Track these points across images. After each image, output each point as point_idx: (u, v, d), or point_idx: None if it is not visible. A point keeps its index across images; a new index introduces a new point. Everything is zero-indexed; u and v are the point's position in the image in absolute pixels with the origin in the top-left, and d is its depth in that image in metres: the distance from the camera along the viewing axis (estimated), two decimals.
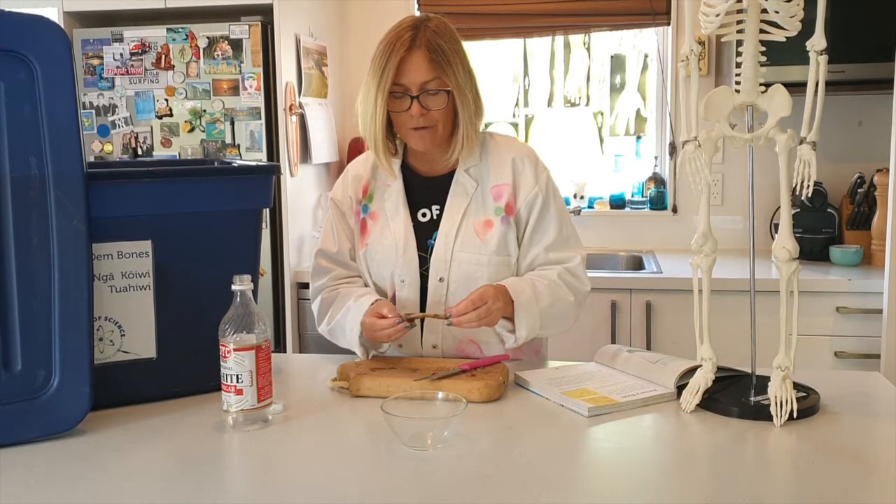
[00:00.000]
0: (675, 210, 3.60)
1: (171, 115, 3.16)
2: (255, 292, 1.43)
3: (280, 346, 3.21)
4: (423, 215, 1.80)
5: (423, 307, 1.76)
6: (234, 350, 1.37)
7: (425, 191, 1.81)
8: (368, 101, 1.70)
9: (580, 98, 3.86)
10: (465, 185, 1.78)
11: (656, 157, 3.70)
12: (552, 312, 1.71)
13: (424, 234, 1.78)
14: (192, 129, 3.16)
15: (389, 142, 1.77)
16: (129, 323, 1.50)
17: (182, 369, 1.54)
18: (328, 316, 1.78)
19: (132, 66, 3.16)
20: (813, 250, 3.19)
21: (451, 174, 1.79)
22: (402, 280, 1.76)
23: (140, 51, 3.14)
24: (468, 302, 1.60)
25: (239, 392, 1.37)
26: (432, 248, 1.76)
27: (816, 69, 1.34)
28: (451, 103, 1.70)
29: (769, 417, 1.37)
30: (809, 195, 1.35)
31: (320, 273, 1.86)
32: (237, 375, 1.37)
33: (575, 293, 1.75)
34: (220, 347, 1.38)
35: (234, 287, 1.38)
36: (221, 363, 1.38)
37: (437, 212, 1.79)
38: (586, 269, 1.81)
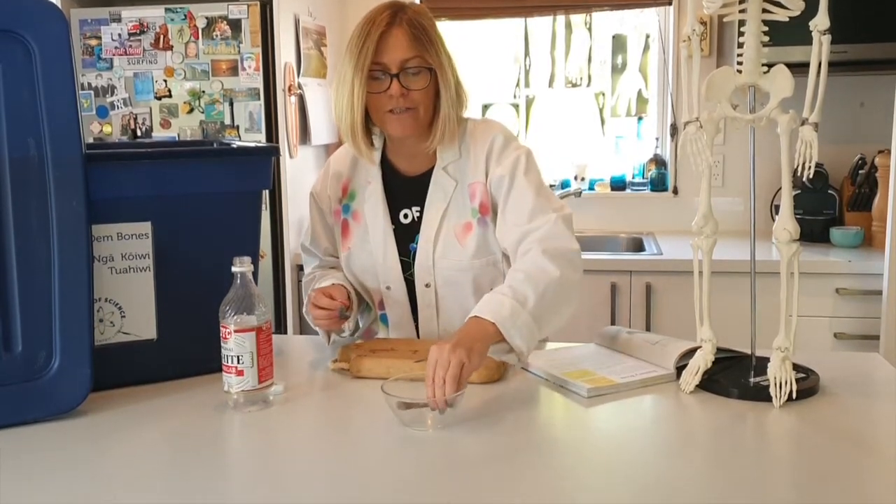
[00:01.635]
0: (675, 191, 3.60)
1: (169, 95, 3.15)
2: (255, 274, 1.43)
3: (280, 327, 3.22)
4: (405, 216, 1.76)
5: (414, 311, 1.76)
6: (235, 332, 1.37)
7: (406, 191, 1.76)
8: (345, 84, 1.63)
9: (581, 79, 3.84)
10: (444, 186, 1.72)
11: (657, 139, 3.69)
12: (545, 305, 1.49)
13: (406, 237, 1.74)
14: (190, 111, 3.15)
15: (366, 135, 1.69)
16: (130, 304, 1.50)
17: (182, 350, 1.54)
18: (304, 300, 1.78)
19: (130, 46, 3.14)
20: (813, 232, 3.19)
21: (431, 172, 1.74)
22: (387, 286, 1.75)
23: (138, 31, 3.13)
24: (429, 383, 1.32)
25: (240, 373, 1.38)
26: (415, 252, 1.73)
27: (819, 49, 1.33)
28: (432, 84, 1.64)
29: (768, 398, 1.37)
30: (811, 176, 1.35)
31: (305, 263, 1.90)
32: (238, 357, 1.37)
33: (560, 262, 1.53)
34: (221, 329, 1.38)
35: (234, 269, 1.38)
36: (222, 344, 1.38)
37: (418, 213, 1.74)
38: (571, 229, 1.63)
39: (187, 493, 1.11)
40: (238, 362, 1.37)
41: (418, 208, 1.74)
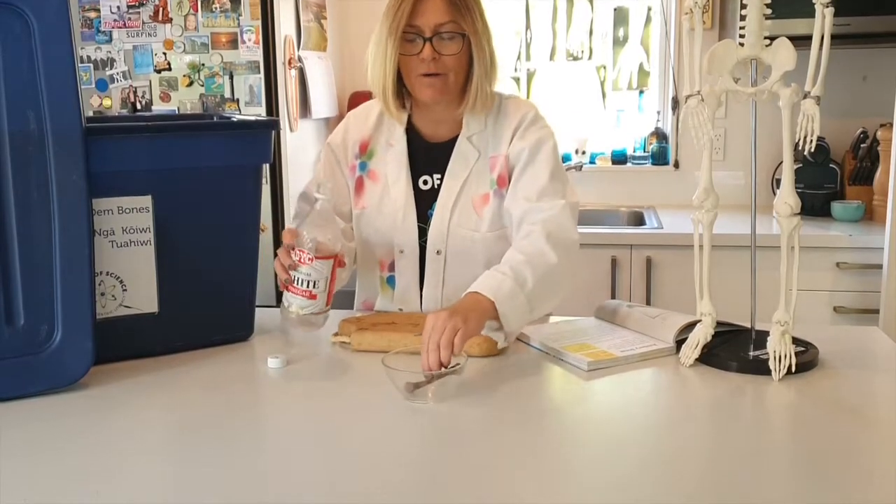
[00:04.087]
0: (676, 165, 3.59)
1: (169, 69, 3.13)
2: (255, 248, 1.43)
3: (279, 301, 3.22)
4: (425, 183, 1.76)
5: (421, 278, 1.76)
6: (317, 258, 1.43)
7: (428, 157, 1.76)
8: (379, 45, 1.65)
9: (583, 52, 3.82)
10: (467, 155, 1.73)
11: (659, 112, 3.67)
12: (541, 290, 1.51)
13: (425, 203, 1.74)
14: (190, 84, 3.13)
15: (396, 97, 1.70)
16: (131, 278, 1.51)
17: (184, 324, 1.54)
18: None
19: (130, 19, 3.12)
20: (814, 206, 3.18)
21: (454, 141, 1.75)
22: (401, 250, 1.75)
23: (137, 3, 3.10)
24: (424, 349, 1.35)
25: (312, 297, 1.46)
26: (432, 218, 1.74)
27: (822, 22, 1.33)
28: (465, 51, 1.65)
29: (767, 372, 1.38)
30: (812, 150, 1.35)
31: (297, 217, 1.78)
32: (314, 282, 1.45)
33: (559, 251, 1.55)
34: (297, 253, 1.43)
35: (316, 194, 1.46)
36: (298, 267, 1.44)
37: (439, 180, 1.75)
38: (576, 218, 1.66)
39: (189, 465, 1.12)
40: (314, 287, 1.45)
41: (439, 175, 1.75)
